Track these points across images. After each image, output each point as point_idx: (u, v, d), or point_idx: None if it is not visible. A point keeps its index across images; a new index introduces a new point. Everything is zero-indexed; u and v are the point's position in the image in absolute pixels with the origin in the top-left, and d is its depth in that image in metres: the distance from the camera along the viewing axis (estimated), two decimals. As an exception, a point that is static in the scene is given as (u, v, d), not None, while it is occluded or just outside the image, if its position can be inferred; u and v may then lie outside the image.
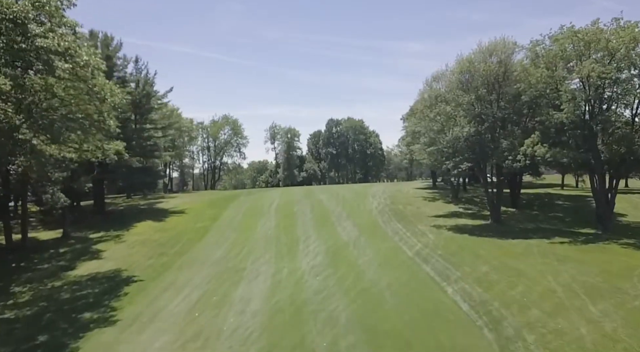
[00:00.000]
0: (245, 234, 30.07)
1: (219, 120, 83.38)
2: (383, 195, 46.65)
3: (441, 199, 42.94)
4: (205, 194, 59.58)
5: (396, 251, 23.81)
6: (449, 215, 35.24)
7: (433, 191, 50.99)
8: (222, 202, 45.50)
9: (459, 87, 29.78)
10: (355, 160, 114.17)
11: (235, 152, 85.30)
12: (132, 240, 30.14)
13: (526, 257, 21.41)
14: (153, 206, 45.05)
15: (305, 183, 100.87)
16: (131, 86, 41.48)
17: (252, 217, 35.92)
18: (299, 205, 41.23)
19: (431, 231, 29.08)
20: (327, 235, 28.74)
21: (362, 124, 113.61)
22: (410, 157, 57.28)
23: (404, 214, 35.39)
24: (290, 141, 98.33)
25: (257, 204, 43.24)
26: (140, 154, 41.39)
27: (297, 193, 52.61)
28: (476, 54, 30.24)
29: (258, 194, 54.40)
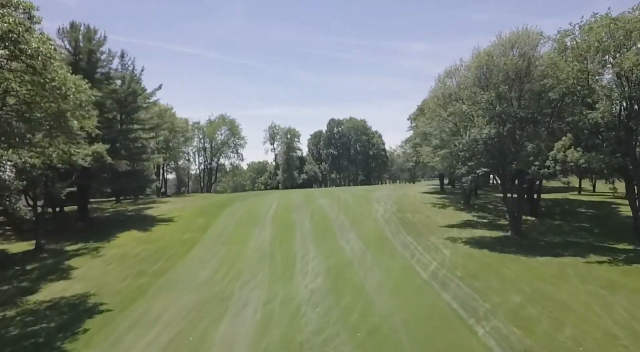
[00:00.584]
0: (236, 248, 26.95)
1: (216, 120, 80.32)
2: (389, 200, 43.52)
3: (452, 206, 39.78)
4: (199, 199, 56.49)
5: (408, 272, 20.67)
6: (463, 225, 32.08)
7: (441, 196, 47.83)
8: (215, 208, 42.41)
9: (475, 84, 26.64)
10: (357, 161, 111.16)
11: (233, 153, 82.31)
12: (111, 254, 27.06)
13: (563, 282, 18.24)
14: (141, 213, 41.98)
15: (305, 185, 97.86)
16: (116, 83, 38.45)
17: (245, 227, 32.80)
18: (298, 212, 38.11)
19: (445, 244, 25.94)
20: (328, 250, 25.62)
21: (365, 124, 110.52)
22: (416, 159, 54.09)
23: (413, 224, 32.25)
24: (290, 142, 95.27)
25: (252, 211, 40.13)
26: (126, 156, 38.39)
27: (296, 198, 49.50)
28: (495, 47, 27.11)
29: (254, 198, 51.30)
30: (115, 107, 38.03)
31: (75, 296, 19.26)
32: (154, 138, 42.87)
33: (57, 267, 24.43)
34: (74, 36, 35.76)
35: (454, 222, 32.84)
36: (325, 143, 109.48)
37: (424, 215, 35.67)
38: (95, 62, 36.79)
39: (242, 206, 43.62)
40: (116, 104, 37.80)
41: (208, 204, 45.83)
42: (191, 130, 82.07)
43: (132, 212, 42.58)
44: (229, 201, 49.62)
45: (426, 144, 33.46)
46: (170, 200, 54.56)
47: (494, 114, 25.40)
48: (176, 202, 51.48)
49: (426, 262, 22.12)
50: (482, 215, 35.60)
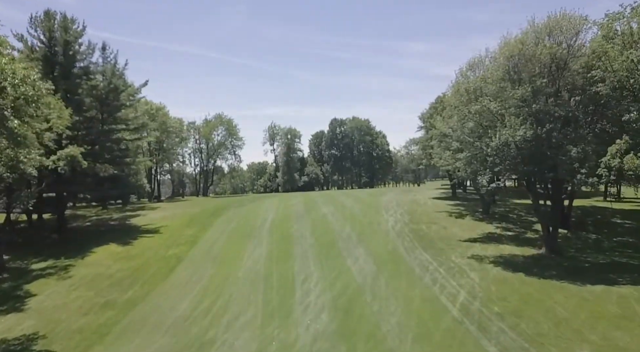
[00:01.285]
0: (225, 269, 23.24)
1: (212, 120, 76.60)
2: (398, 208, 39.76)
3: (469, 215, 35.98)
4: (193, 204, 52.81)
5: (433, 305, 16.93)
6: (486, 238, 28.31)
7: (455, 202, 44.02)
8: (207, 217, 38.72)
9: (504, 78, 22.88)
10: (360, 163, 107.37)
11: (230, 154, 78.51)
12: (81, 275, 23.40)
13: (635, 325, 14.49)
14: (126, 222, 38.34)
15: (306, 188, 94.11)
16: (97, 79, 34.78)
17: (238, 241, 29.10)
18: (298, 222, 34.38)
19: (471, 265, 22.19)
20: (333, 271, 21.91)
21: (368, 124, 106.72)
22: (427, 161, 50.31)
23: (430, 238, 28.50)
24: (291, 142, 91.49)
25: (247, 220, 36.42)
26: (109, 160, 34.77)
27: (297, 204, 45.79)
28: (527, 34, 23.34)
29: (251, 205, 47.58)
30: (96, 105, 34.35)
31: (20, 338, 15.58)
32: (140, 139, 39.13)
33: (13, 294, 20.79)
34: (48, 26, 32.12)
35: (476, 236, 29.07)
36: (327, 144, 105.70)
37: (440, 226, 31.90)
38: (73, 55, 33.14)
39: (237, 214, 39.92)
40: (97, 102, 34.13)
41: (200, 212, 42.13)
42: (186, 130, 78.52)
43: (116, 221, 38.92)
44: (224, 207, 45.92)
45: (444, 146, 29.75)
46: (161, 206, 50.90)
47: (530, 112, 21.63)
48: (167, 208, 47.82)
49: (453, 291, 18.38)
50: (505, 226, 31.79)
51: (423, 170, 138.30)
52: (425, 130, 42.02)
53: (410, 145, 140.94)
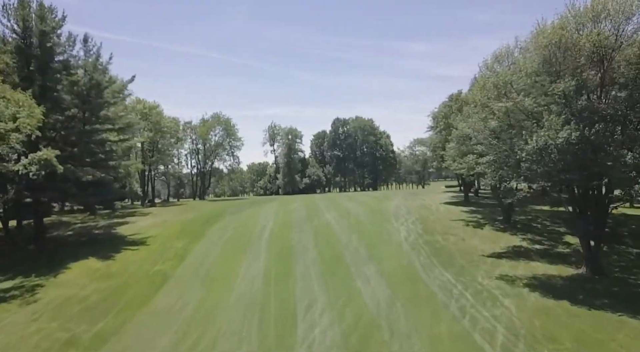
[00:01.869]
0: (216, 291, 20.14)
1: (209, 119, 73.52)
2: (408, 215, 36.67)
3: (488, 224, 32.82)
4: (187, 209, 49.79)
5: (467, 347, 13.81)
6: (513, 253, 25.16)
7: (470, 208, 40.83)
8: (201, 224, 35.68)
9: (540, 70, 19.74)
10: (364, 164, 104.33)
11: (228, 156, 75.40)
12: (49, 298, 20.31)
13: None
14: (111, 230, 35.28)
15: (308, 190, 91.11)
16: (78, 74, 31.70)
17: (232, 255, 26.00)
18: (300, 232, 31.27)
19: (502, 289, 19.05)
20: (341, 296, 18.80)
21: (372, 123, 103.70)
22: (438, 164, 47.11)
23: (448, 252, 25.38)
24: (292, 143, 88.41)
25: (244, 228, 33.35)
26: (91, 163, 31.76)
27: (298, 210, 42.73)
28: (566, 20, 20.18)
29: (249, 210, 44.53)
30: (77, 103, 31.27)
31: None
32: (127, 140, 35.95)
33: (-37, 324, 17.68)
34: (22, 14, 29.04)
35: (500, 250, 25.92)
36: (330, 144, 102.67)
37: (458, 238, 28.76)
38: (51, 47, 30.03)
39: (233, 222, 36.85)
40: (78, 99, 31.05)
41: (193, 219, 39.08)
42: (183, 130, 75.53)
43: (101, 229, 35.85)
44: (220, 213, 42.89)
45: (464, 149, 26.63)
46: (153, 211, 47.87)
47: (573, 110, 18.49)
48: (159, 214, 44.81)
49: (487, 326, 15.23)
50: (531, 238, 28.62)
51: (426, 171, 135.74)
52: (439, 130, 38.83)
53: (414, 146, 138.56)
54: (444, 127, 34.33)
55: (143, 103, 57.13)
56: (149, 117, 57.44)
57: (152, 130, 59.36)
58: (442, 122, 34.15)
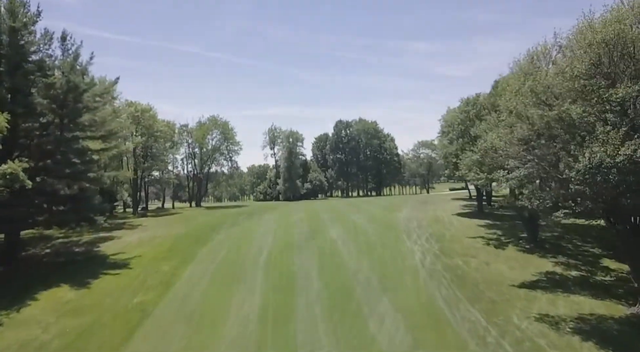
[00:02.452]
0: (202, 337, 16.92)
1: (206, 123, 70.41)
2: (421, 231, 33.56)
3: (511, 243, 29.59)
4: (181, 219, 46.71)
5: None
6: (547, 283, 21.92)
7: (486, 222, 37.60)
8: (192, 242, 32.53)
9: (593, 72, 16.53)
10: (367, 167, 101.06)
11: (226, 161, 72.23)
12: (3, 345, 17.13)
13: None
14: (94, 248, 32.12)
15: (309, 195, 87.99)
16: (56, 76, 28.55)
17: (224, 285, 22.77)
18: (302, 253, 28.08)
19: (547, 336, 15.83)
20: (352, 342, 15.62)
21: (376, 126, 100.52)
22: (451, 173, 43.90)
23: (473, 280, 22.18)
24: (292, 147, 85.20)
25: (239, 249, 30.15)
26: (69, 175, 28.66)
27: (300, 223, 39.68)
28: (623, 12, 16.95)
29: (246, 223, 41.44)
30: (54, 108, 28.14)
31: None
32: (110, 149, 32.73)
33: None
34: (-10, 8, 25.93)
35: (532, 277, 22.69)
36: (332, 148, 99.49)
37: (480, 261, 25.54)
38: (23, 46, 26.90)
39: (228, 239, 33.69)
40: (54, 104, 27.92)
41: (185, 234, 35.93)
42: (179, 134, 72.54)
43: (82, 246, 32.70)
44: (214, 226, 39.77)
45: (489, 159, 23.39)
46: (143, 222, 44.78)
47: (636, 122, 15.29)
48: (149, 226, 41.73)
49: (542, 398, 12.00)
50: (564, 261, 25.36)
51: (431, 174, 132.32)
52: (452, 137, 35.50)
53: (419, 148, 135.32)
54: (460, 134, 31.11)
55: (135, 106, 54.07)
56: (141, 121, 54.39)
57: (145, 134, 56.37)
58: (459, 128, 30.95)
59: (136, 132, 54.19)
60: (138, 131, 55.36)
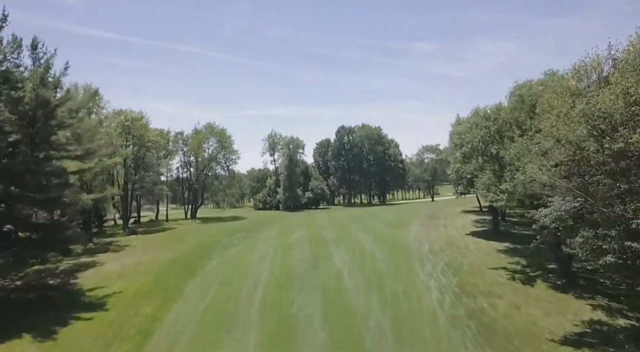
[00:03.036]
0: None
1: (202, 130, 67.30)
2: (434, 258, 30.49)
3: (540, 277, 26.33)
4: (172, 238, 43.61)
5: None
6: (594, 336, 18.70)
7: (505, 245, 34.40)
8: (180, 272, 29.41)
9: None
10: (370, 175, 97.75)
11: (223, 171, 69.06)
12: None
13: None
14: (71, 280, 28.96)
15: (311, 203, 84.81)
16: (25, 89, 25.44)
17: (212, 336, 19.61)
18: (302, 291, 24.87)
19: None
20: None
21: (379, 131, 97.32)
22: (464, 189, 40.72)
23: (504, 332, 18.98)
24: (293, 154, 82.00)
25: (232, 282, 26.96)
26: (40, 201, 25.52)
27: (300, 244, 36.60)
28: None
29: (242, 244, 38.36)
30: (22, 125, 25.05)
31: None
32: (89, 170, 29.54)
33: None
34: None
35: (573, 328, 19.47)
36: (334, 154, 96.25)
37: (508, 303, 22.33)
38: (-13, 54, 23.83)
39: (221, 266, 30.58)
40: (22, 121, 24.84)
41: (173, 260, 32.79)
42: (174, 141, 69.48)
43: (58, 277, 29.54)
44: (206, 248, 36.68)
45: (521, 189, 20.10)
46: (132, 242, 41.68)
47: None
48: (136, 247, 38.66)
49: None
50: (605, 304, 22.11)
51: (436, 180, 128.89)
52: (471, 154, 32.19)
53: (423, 153, 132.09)
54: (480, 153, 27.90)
55: (125, 114, 51.01)
56: (132, 130, 51.33)
57: (136, 144, 53.35)
58: (479, 146, 27.76)
59: (127, 142, 51.19)
60: (129, 141, 52.37)
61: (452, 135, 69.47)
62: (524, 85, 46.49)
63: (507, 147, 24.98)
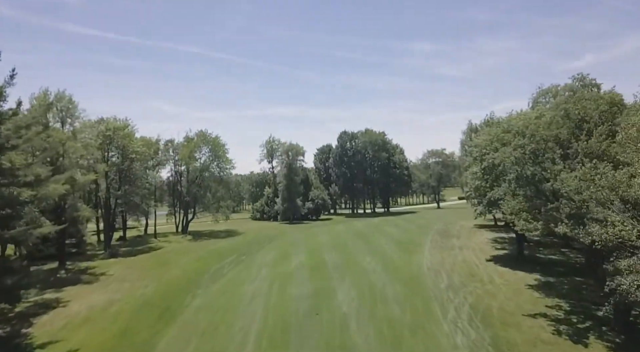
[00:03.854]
0: None
1: (194, 138, 62.84)
2: (456, 296, 26.15)
3: (591, 330, 21.72)
4: (155, 264, 39.18)
5: None
6: None
7: (535, 277, 29.94)
8: (156, 316, 24.88)
9: None
10: (374, 182, 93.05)
11: (216, 183, 64.34)
12: None
13: None
14: (23, 328, 24.49)
15: (311, 214, 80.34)
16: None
17: None
18: (300, 347, 20.34)
19: None
20: None
21: (384, 137, 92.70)
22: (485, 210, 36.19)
23: None
24: (292, 162, 77.46)
25: (216, 333, 22.43)
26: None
27: (299, 277, 32.12)
28: None
29: (232, 274, 33.87)
30: (-41, 146, 20.56)
31: None
32: (39, 200, 24.93)
33: None
34: None
35: None
36: (336, 161, 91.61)
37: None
38: None
39: (205, 308, 26.08)
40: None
41: (151, 298, 28.37)
42: (164, 150, 65.08)
43: (9, 323, 25.05)
44: (192, 280, 32.21)
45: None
46: (110, 268, 37.29)
47: None
48: (114, 277, 34.33)
49: None
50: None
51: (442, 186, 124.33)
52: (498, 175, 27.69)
53: (428, 158, 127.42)
54: (516, 177, 23.32)
55: (107, 123, 46.59)
56: (114, 140, 46.91)
57: (120, 156, 48.93)
58: (514, 169, 23.19)
59: (108, 154, 46.82)
60: (113, 151, 47.98)
61: (465, 145, 65.39)
62: (549, 90, 42.28)
63: (551, 171, 20.50)
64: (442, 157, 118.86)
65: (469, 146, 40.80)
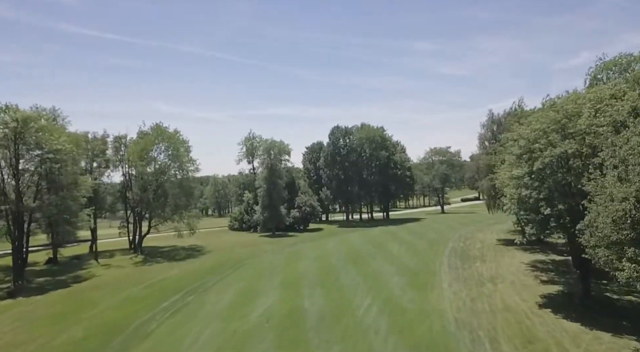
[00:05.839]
0: None
1: (149, 133, 51.36)
2: None
3: None
4: (67, 306, 27.98)
5: None
6: None
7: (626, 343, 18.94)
8: None
9: None
10: (372, 185, 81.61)
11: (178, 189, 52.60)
12: None
13: None
14: None
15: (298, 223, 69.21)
16: None
17: None
18: None
19: None
20: None
21: (382, 133, 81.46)
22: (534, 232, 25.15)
23: None
24: (275, 162, 66.06)
25: None
26: None
27: (259, 339, 20.98)
28: None
29: (159, 334, 22.64)
30: None
31: None
32: None
33: None
34: None
35: None
36: (328, 161, 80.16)
37: None
38: None
39: None
40: None
41: None
42: (114, 149, 53.74)
43: None
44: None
45: None
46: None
47: None
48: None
49: None
50: None
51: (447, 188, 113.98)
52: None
53: (431, 156, 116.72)
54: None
55: (11, 111, 35.24)
56: (24, 136, 35.57)
57: (37, 156, 37.61)
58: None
59: (17, 154, 35.54)
60: (23, 151, 36.68)
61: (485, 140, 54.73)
62: (616, 62, 31.57)
63: None
64: (447, 156, 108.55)
65: (505, 140, 29.87)
